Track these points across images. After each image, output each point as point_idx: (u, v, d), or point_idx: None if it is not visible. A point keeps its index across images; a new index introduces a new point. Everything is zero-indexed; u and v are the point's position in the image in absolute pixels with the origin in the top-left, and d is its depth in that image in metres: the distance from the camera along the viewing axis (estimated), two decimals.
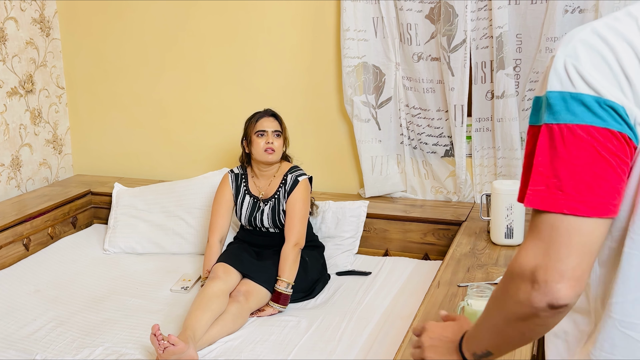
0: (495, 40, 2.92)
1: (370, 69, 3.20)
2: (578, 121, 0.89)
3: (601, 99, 0.89)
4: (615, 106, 0.88)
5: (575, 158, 0.89)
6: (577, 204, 0.89)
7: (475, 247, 2.65)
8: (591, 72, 0.90)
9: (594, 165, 0.88)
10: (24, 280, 2.88)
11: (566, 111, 0.90)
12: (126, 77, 3.73)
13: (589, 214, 0.89)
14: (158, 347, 2.15)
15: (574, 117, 0.90)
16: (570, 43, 0.93)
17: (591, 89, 0.89)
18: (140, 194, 3.36)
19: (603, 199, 0.89)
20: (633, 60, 0.89)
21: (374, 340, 2.32)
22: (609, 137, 0.88)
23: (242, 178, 2.85)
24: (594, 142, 0.88)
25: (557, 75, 0.92)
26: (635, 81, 0.89)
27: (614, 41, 0.90)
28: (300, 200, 2.72)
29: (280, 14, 3.36)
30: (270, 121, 2.76)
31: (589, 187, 0.88)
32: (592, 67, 0.90)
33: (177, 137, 3.70)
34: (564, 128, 0.90)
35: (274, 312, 2.56)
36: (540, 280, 0.90)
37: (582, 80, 0.90)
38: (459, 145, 3.10)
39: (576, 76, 0.90)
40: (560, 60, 0.92)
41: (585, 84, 0.90)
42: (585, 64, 0.90)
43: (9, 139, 3.47)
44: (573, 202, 0.89)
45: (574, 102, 0.90)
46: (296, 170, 2.80)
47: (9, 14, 3.42)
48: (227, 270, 2.58)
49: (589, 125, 0.89)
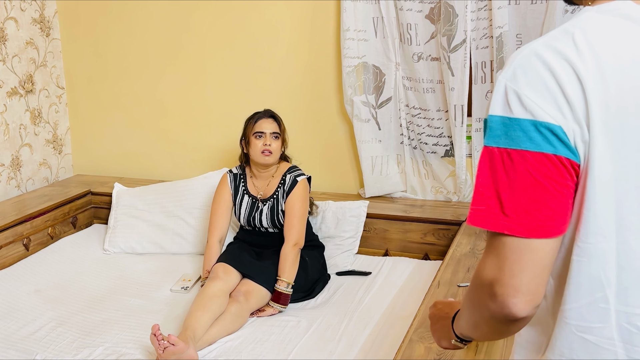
0: (495, 40, 2.92)
1: (370, 69, 3.20)
2: (514, 146, 0.91)
3: (537, 121, 0.90)
4: (552, 127, 0.90)
5: (513, 182, 0.91)
6: (516, 226, 0.91)
7: (475, 247, 2.65)
8: (529, 94, 0.91)
9: (530, 190, 0.91)
10: (24, 280, 2.88)
11: (504, 135, 0.92)
12: (126, 77, 3.73)
13: (528, 235, 0.91)
14: (158, 347, 2.15)
15: (511, 141, 0.92)
16: (511, 66, 0.95)
17: (528, 112, 0.91)
18: (140, 194, 3.36)
19: (541, 221, 0.91)
20: (571, 77, 0.90)
21: (374, 340, 2.32)
22: (543, 161, 0.90)
23: (240, 178, 2.85)
24: (529, 166, 0.90)
25: (497, 99, 0.94)
26: (574, 99, 0.90)
27: (552, 60, 0.91)
28: (299, 200, 2.72)
29: (280, 14, 3.36)
30: (268, 123, 2.76)
31: (526, 210, 0.91)
32: (530, 90, 0.91)
33: (177, 137, 3.70)
34: (503, 152, 0.93)
35: (274, 312, 2.56)
36: (497, 294, 0.93)
37: (520, 104, 0.92)
38: (459, 145, 3.10)
39: (515, 100, 0.92)
40: (501, 84, 0.95)
41: (522, 108, 0.91)
42: (524, 87, 0.92)
43: (9, 139, 3.47)
44: (512, 224, 0.91)
45: (512, 126, 0.92)
46: (295, 170, 2.80)
47: (9, 14, 3.42)
48: (227, 271, 2.58)
49: (523, 150, 0.91)
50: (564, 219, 0.93)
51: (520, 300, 0.92)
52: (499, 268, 0.93)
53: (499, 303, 0.93)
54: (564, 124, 0.90)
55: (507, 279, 0.92)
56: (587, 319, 0.98)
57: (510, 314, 0.93)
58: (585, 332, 0.98)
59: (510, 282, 0.92)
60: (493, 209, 0.93)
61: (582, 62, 0.90)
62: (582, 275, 0.96)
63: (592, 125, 0.90)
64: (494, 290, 0.93)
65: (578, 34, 0.93)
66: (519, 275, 0.91)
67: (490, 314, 0.96)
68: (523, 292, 0.92)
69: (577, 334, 0.99)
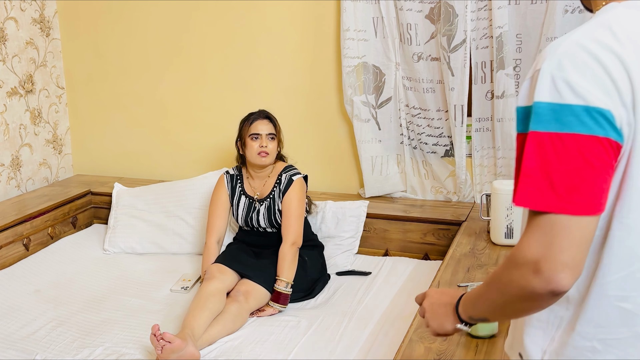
0: (495, 40, 2.92)
1: (370, 69, 3.20)
2: (566, 130, 0.97)
3: (589, 107, 0.96)
4: (603, 112, 0.96)
5: (565, 163, 0.97)
6: (567, 205, 0.97)
7: (475, 247, 2.65)
8: (579, 81, 0.97)
9: (581, 170, 0.97)
10: (24, 280, 2.88)
11: (554, 121, 0.98)
12: (126, 77, 3.73)
13: (578, 212, 0.97)
14: (157, 347, 2.15)
15: (563, 125, 0.98)
16: (555, 56, 1.00)
17: (580, 98, 0.97)
18: (140, 194, 3.36)
19: (589, 199, 0.97)
20: (616, 64, 0.97)
21: (374, 340, 2.32)
22: (595, 143, 0.97)
23: (237, 179, 2.85)
24: (582, 148, 0.97)
25: (544, 87, 0.99)
26: (621, 84, 0.97)
27: (596, 50, 0.98)
28: (296, 200, 2.72)
29: (280, 14, 3.36)
30: (264, 124, 2.75)
31: (577, 189, 0.97)
32: (579, 77, 0.97)
33: (177, 137, 3.70)
34: (553, 136, 0.98)
35: (274, 312, 2.56)
36: (543, 270, 0.98)
37: (570, 90, 0.97)
38: (459, 145, 3.10)
39: (564, 88, 0.98)
40: (547, 72, 1.00)
41: (573, 94, 0.97)
42: (573, 75, 0.98)
43: (9, 139, 3.47)
44: (564, 202, 0.97)
45: (562, 112, 0.98)
46: (290, 170, 2.80)
47: (9, 14, 3.42)
48: (221, 270, 2.59)
49: (576, 133, 0.97)
50: (605, 196, 1.00)
51: (567, 275, 0.98)
52: (546, 245, 0.98)
53: (544, 279, 0.98)
54: (612, 108, 0.97)
55: (555, 255, 0.97)
56: (624, 288, 1.05)
57: (557, 289, 0.98)
58: (622, 300, 1.06)
59: (558, 257, 0.97)
60: (543, 189, 0.98)
61: (623, 50, 0.98)
62: (622, 248, 1.04)
63: (636, 108, 0.97)
64: (539, 266, 0.98)
65: (615, 25, 1.00)
66: (566, 252, 0.97)
67: (531, 291, 1.00)
68: (570, 267, 0.98)
69: (615, 303, 1.06)
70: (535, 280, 0.99)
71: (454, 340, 1.92)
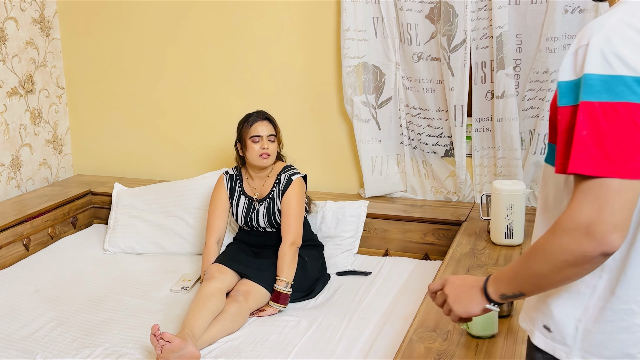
0: (495, 40, 2.92)
1: (370, 69, 3.20)
2: (618, 99, 1.03)
3: None
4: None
5: (617, 130, 1.03)
6: (620, 169, 1.03)
7: (475, 247, 2.65)
8: (628, 54, 1.04)
9: (634, 136, 1.03)
10: (24, 280, 2.88)
11: (607, 91, 1.04)
12: (126, 77, 3.73)
13: (631, 176, 1.03)
14: (157, 347, 2.15)
15: (616, 95, 1.03)
16: (602, 32, 1.06)
17: (631, 69, 1.03)
18: (140, 194, 3.36)
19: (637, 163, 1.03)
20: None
21: (374, 340, 2.32)
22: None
23: (237, 179, 2.85)
24: (634, 116, 1.03)
25: (594, 60, 1.05)
26: None
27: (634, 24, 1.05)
28: (295, 199, 2.72)
29: (280, 14, 3.36)
30: (264, 125, 2.75)
31: (630, 155, 1.03)
32: (628, 50, 1.04)
33: (177, 137, 3.70)
34: (605, 105, 1.04)
35: (274, 312, 2.56)
36: (596, 232, 1.04)
37: (621, 63, 1.04)
38: (459, 145, 3.10)
39: (615, 60, 1.04)
40: (596, 47, 1.05)
41: (625, 66, 1.03)
42: (622, 48, 1.04)
43: (9, 139, 3.47)
44: (617, 167, 1.03)
45: (614, 83, 1.03)
46: (289, 169, 2.80)
47: (9, 14, 3.42)
48: (221, 270, 2.59)
49: (629, 102, 1.03)
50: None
51: (617, 236, 1.04)
52: (598, 209, 1.04)
53: (597, 241, 1.04)
54: None
55: (607, 217, 1.03)
56: None
57: (609, 250, 1.04)
58: None
59: (611, 219, 1.03)
60: (596, 156, 1.04)
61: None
62: None
63: None
64: (592, 229, 1.04)
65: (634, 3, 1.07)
66: (618, 214, 1.03)
67: (582, 255, 1.06)
68: (621, 229, 1.04)
69: None
70: (587, 243, 1.04)
71: (454, 340, 1.92)
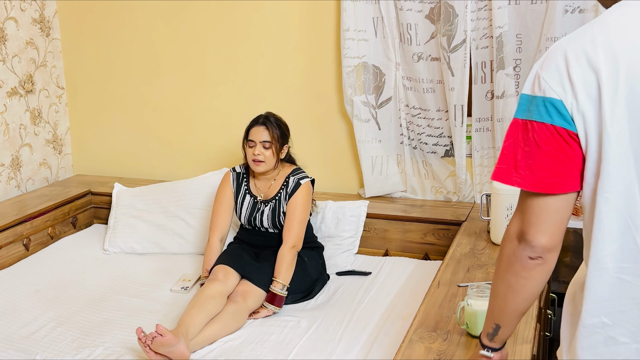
0: (495, 40, 2.92)
1: (370, 69, 3.20)
2: (530, 117, 1.16)
3: (545, 97, 1.14)
4: (555, 102, 1.13)
5: (525, 146, 1.17)
6: (523, 182, 1.17)
7: (475, 247, 2.65)
8: (545, 76, 1.15)
9: (534, 153, 1.15)
10: (24, 280, 2.88)
11: (527, 110, 1.17)
12: (126, 77, 3.73)
13: (534, 189, 1.16)
14: (144, 346, 2.15)
15: (530, 114, 1.16)
16: (543, 57, 1.19)
17: (541, 90, 1.15)
18: (140, 194, 3.36)
19: (542, 179, 1.15)
20: (582, 63, 1.12)
21: (374, 340, 2.32)
22: (543, 129, 1.14)
23: (243, 177, 2.85)
24: (534, 134, 1.15)
25: (528, 82, 1.19)
26: (575, 79, 1.12)
27: (568, 50, 1.14)
28: (301, 204, 2.71)
29: (280, 14, 3.36)
30: (260, 131, 2.71)
31: (531, 169, 1.16)
32: (546, 73, 1.15)
33: (177, 137, 3.70)
34: (522, 123, 1.18)
35: (268, 314, 2.55)
36: (522, 238, 1.21)
37: (538, 85, 1.16)
38: (459, 145, 3.10)
39: (536, 82, 1.16)
40: (534, 70, 1.18)
41: (539, 88, 1.15)
42: (544, 72, 1.15)
43: (9, 139, 3.47)
44: (521, 179, 1.17)
45: (532, 102, 1.16)
46: (298, 173, 2.79)
47: (9, 14, 3.42)
48: (227, 273, 2.57)
49: (533, 120, 1.15)
50: (566, 178, 1.15)
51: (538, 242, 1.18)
52: (522, 218, 1.21)
53: (523, 245, 1.20)
54: (564, 97, 1.12)
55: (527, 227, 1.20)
56: (621, 259, 1.16)
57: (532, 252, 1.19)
58: (621, 272, 1.16)
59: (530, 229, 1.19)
60: (510, 167, 1.19)
61: (595, 53, 1.11)
62: (611, 222, 1.15)
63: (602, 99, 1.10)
64: (520, 236, 1.21)
65: (599, 28, 1.14)
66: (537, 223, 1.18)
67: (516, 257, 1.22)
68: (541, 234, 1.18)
69: (614, 275, 1.16)
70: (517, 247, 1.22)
71: (454, 340, 1.92)
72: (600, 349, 1.19)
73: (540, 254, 1.19)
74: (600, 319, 1.18)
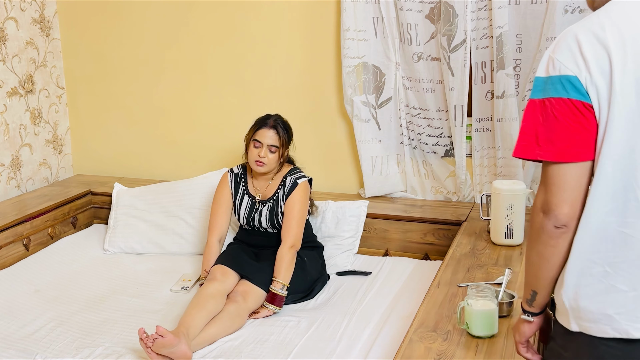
0: (495, 40, 2.92)
1: (370, 69, 3.20)
2: (547, 95, 1.28)
3: (562, 76, 1.26)
4: (570, 78, 1.25)
5: (544, 121, 1.28)
6: (545, 153, 1.28)
7: (475, 247, 2.65)
8: (559, 58, 1.27)
9: (554, 126, 1.27)
10: (24, 280, 2.88)
11: (542, 90, 1.29)
12: (126, 77, 3.73)
13: (555, 159, 1.27)
14: (146, 347, 2.15)
15: (546, 93, 1.28)
16: (554, 42, 1.31)
17: (556, 70, 1.27)
18: (140, 194, 3.36)
19: (562, 148, 1.26)
20: (593, 42, 1.25)
21: (374, 340, 2.32)
22: (561, 104, 1.26)
23: (241, 178, 2.85)
24: (553, 109, 1.27)
25: (542, 65, 1.31)
26: (588, 56, 1.24)
27: (580, 33, 1.26)
28: (299, 203, 2.71)
29: (280, 14, 3.36)
30: (269, 134, 2.71)
31: (552, 141, 1.27)
32: (560, 55, 1.27)
33: (177, 137, 3.70)
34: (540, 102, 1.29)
35: (268, 314, 2.55)
36: (547, 210, 1.30)
37: (553, 66, 1.28)
38: (459, 145, 3.10)
39: (551, 65, 1.28)
40: (547, 54, 1.31)
41: (554, 68, 1.27)
42: (557, 54, 1.28)
43: (9, 139, 3.47)
44: (543, 151, 1.28)
45: (548, 83, 1.28)
46: (296, 173, 2.79)
47: (9, 14, 3.42)
48: (224, 272, 2.58)
49: (551, 97, 1.27)
50: (584, 147, 1.26)
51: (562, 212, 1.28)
52: (545, 190, 1.31)
53: (548, 215, 1.30)
54: (578, 74, 1.25)
55: (551, 198, 1.29)
56: (623, 215, 1.27)
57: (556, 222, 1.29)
58: (624, 226, 1.27)
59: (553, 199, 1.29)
60: (531, 143, 1.30)
61: (604, 34, 1.24)
62: (617, 181, 1.26)
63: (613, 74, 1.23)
64: (544, 207, 1.31)
65: (603, 14, 1.27)
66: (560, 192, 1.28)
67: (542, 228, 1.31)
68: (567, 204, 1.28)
69: (617, 228, 1.27)
70: (544, 219, 1.31)
71: (454, 340, 1.92)
72: (602, 296, 1.29)
73: (564, 223, 1.29)
74: (604, 268, 1.29)
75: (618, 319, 1.29)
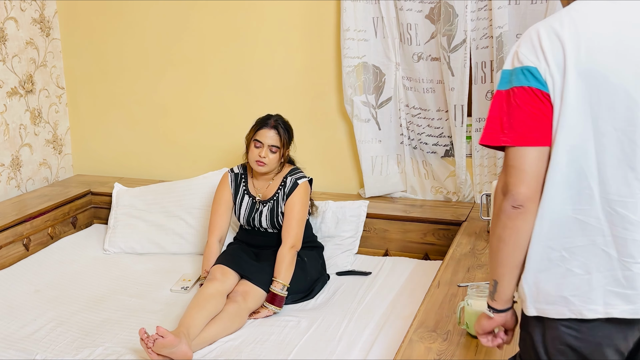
0: (495, 40, 2.92)
1: (370, 69, 3.20)
2: (511, 85, 1.36)
3: (523, 66, 1.34)
4: (531, 69, 1.34)
5: (508, 109, 1.35)
6: (508, 138, 1.35)
7: (475, 247, 2.65)
8: (523, 50, 1.36)
9: (516, 112, 1.34)
10: (24, 280, 2.88)
11: (508, 82, 1.37)
12: (126, 77, 3.73)
13: (517, 143, 1.34)
14: (146, 347, 2.14)
15: (510, 84, 1.36)
16: (522, 36, 1.39)
17: (519, 62, 1.35)
18: (140, 194, 3.36)
19: (524, 133, 1.33)
20: (551, 36, 1.33)
21: (374, 340, 2.32)
22: (522, 92, 1.34)
23: (241, 178, 2.85)
24: (515, 97, 1.34)
25: (508, 59, 1.39)
26: (546, 49, 1.33)
27: (541, 29, 1.35)
28: (299, 203, 2.71)
29: (280, 14, 3.36)
30: (270, 135, 2.71)
31: (514, 127, 1.34)
32: (524, 48, 1.36)
33: (177, 137, 3.70)
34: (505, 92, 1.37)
35: (269, 314, 2.55)
36: (506, 190, 1.36)
37: (517, 59, 1.36)
38: (459, 145, 3.10)
39: (515, 58, 1.37)
40: (513, 49, 1.39)
41: (518, 61, 1.36)
42: (521, 48, 1.37)
43: (9, 139, 3.47)
44: (506, 137, 1.35)
45: (512, 74, 1.36)
46: (296, 173, 2.79)
47: (9, 14, 3.42)
48: (224, 272, 2.58)
49: (514, 86, 1.35)
50: (542, 132, 1.33)
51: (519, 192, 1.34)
52: (505, 173, 1.37)
53: (507, 196, 1.36)
54: (537, 65, 1.34)
55: (512, 178, 1.35)
56: (579, 202, 1.34)
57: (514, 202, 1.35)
58: (578, 213, 1.34)
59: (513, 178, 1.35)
60: (497, 131, 1.37)
61: (562, 29, 1.33)
62: (571, 170, 1.33)
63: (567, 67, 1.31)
64: (504, 189, 1.37)
65: (565, 12, 1.36)
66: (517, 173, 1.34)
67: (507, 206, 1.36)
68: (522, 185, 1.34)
69: (573, 216, 1.35)
70: (504, 200, 1.37)
71: (454, 340, 1.92)
72: (559, 279, 1.37)
73: (521, 203, 1.35)
74: (560, 253, 1.36)
75: (573, 300, 1.36)
